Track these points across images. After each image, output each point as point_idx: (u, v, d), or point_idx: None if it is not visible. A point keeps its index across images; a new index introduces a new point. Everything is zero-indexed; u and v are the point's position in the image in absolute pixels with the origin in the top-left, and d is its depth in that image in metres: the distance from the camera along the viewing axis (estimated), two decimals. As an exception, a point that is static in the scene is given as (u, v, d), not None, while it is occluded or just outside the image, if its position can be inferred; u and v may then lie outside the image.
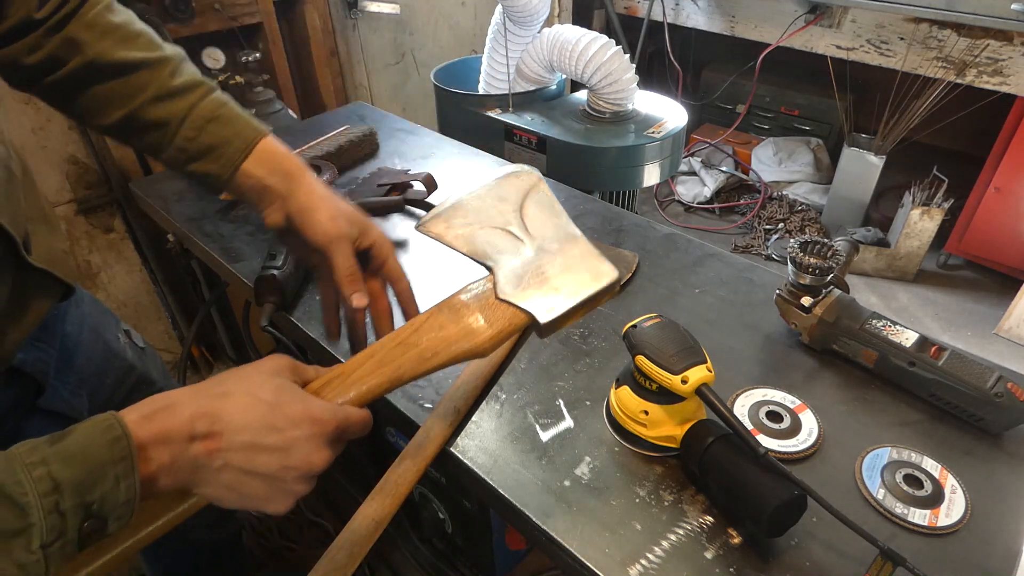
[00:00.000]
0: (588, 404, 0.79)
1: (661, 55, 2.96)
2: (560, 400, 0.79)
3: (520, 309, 0.56)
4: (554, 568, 1.12)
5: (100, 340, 0.84)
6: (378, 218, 1.17)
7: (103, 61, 0.62)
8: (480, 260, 0.60)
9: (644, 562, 0.61)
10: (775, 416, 0.75)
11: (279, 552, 1.54)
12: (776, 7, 2.55)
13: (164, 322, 1.95)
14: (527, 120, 1.93)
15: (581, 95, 2.06)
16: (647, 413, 0.69)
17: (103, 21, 0.63)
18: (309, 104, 2.12)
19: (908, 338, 0.77)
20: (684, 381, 0.63)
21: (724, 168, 3.10)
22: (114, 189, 1.66)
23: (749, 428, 0.71)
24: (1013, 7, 1.93)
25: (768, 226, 2.83)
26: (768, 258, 2.69)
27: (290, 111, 1.83)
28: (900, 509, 0.65)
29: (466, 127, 2.01)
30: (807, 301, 0.82)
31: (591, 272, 0.57)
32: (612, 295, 0.58)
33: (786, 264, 0.84)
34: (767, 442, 0.72)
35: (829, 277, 0.81)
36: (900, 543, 0.61)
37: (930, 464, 0.69)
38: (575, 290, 0.56)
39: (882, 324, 0.79)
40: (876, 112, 2.53)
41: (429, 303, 0.60)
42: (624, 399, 0.71)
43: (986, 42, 2.13)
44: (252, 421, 0.47)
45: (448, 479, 0.97)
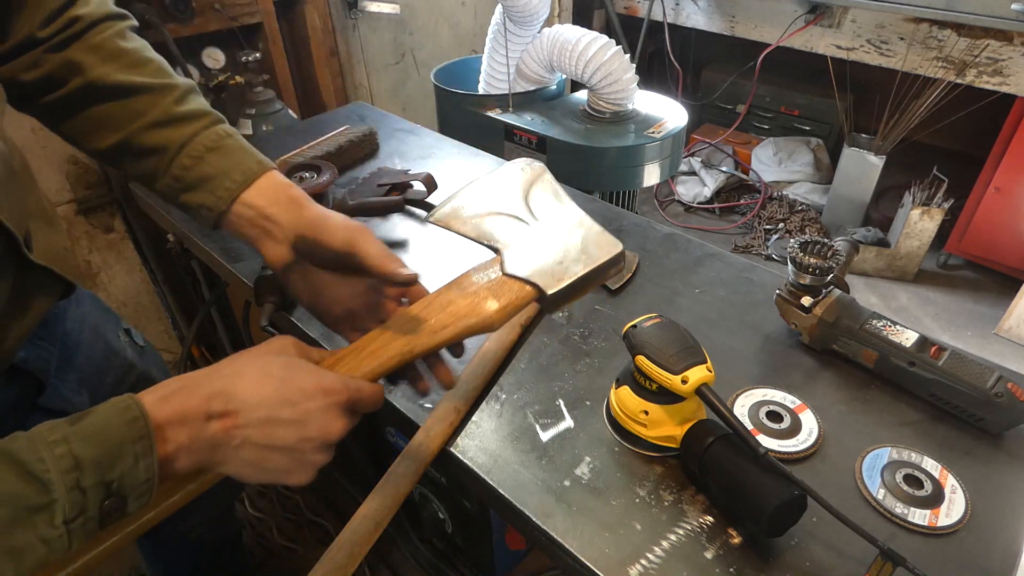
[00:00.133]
0: (588, 404, 0.79)
1: (661, 55, 2.96)
2: (560, 400, 0.79)
3: (527, 282, 0.57)
4: (554, 568, 1.12)
5: (100, 339, 0.84)
6: (378, 218, 1.17)
7: (104, 83, 0.60)
8: (488, 243, 0.61)
9: (644, 562, 0.61)
10: (775, 416, 0.75)
11: (279, 552, 1.54)
12: (776, 7, 2.55)
13: (164, 322, 1.95)
14: (527, 120, 1.93)
15: (581, 95, 2.06)
16: (647, 413, 0.69)
17: (111, 46, 0.61)
18: (309, 104, 2.12)
19: (908, 338, 0.77)
20: (684, 381, 0.63)
21: (724, 168, 3.10)
22: (114, 189, 1.66)
23: (749, 428, 0.71)
24: (1013, 7, 1.93)
25: (768, 226, 2.83)
26: (768, 258, 2.69)
27: (290, 111, 1.83)
28: (900, 509, 0.65)
29: (466, 127, 2.01)
30: (807, 301, 0.82)
31: (595, 245, 0.59)
32: (618, 270, 0.59)
33: (786, 264, 0.84)
34: (767, 442, 0.72)
35: (829, 277, 0.81)
36: (900, 543, 0.62)
37: (930, 464, 0.69)
38: (579, 263, 0.58)
39: (882, 324, 0.79)
40: (876, 112, 2.53)
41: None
42: (624, 399, 0.71)
43: (986, 42, 2.13)
44: (266, 397, 0.48)
45: (448, 479, 0.97)
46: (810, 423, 0.74)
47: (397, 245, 1.10)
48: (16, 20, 0.58)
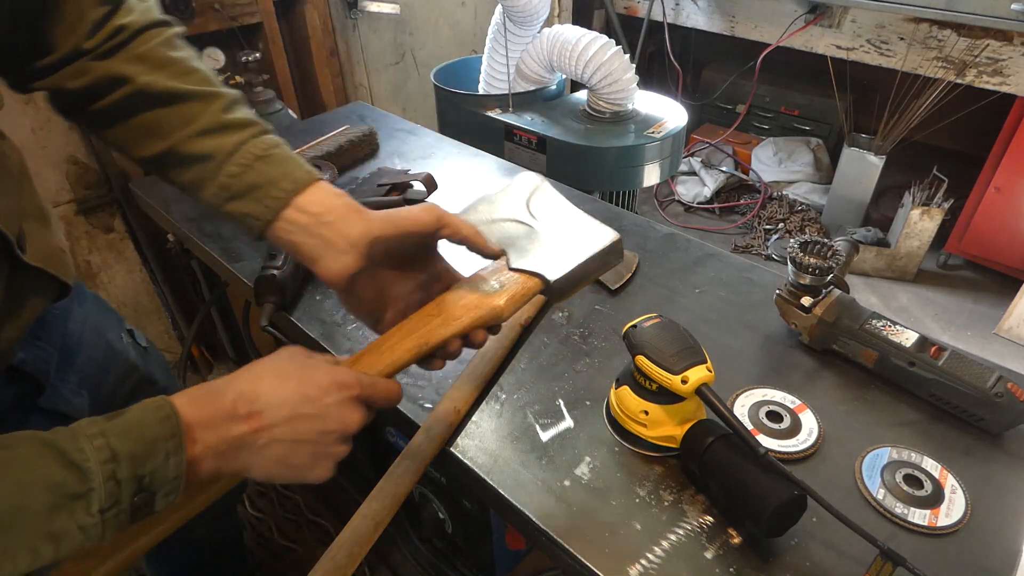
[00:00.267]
0: (588, 404, 0.79)
1: (661, 55, 2.95)
2: (560, 400, 0.79)
3: (531, 274, 0.62)
4: (554, 568, 1.12)
5: (102, 339, 0.83)
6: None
7: (152, 90, 0.60)
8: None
9: (644, 562, 0.61)
10: (775, 416, 0.75)
11: (279, 552, 1.54)
12: (776, 7, 2.55)
13: (164, 322, 1.95)
14: (527, 120, 1.93)
15: (581, 95, 2.06)
16: (647, 413, 0.69)
17: (158, 55, 0.61)
18: (309, 104, 2.12)
19: (908, 338, 0.77)
20: (684, 381, 0.63)
21: (724, 168, 3.10)
22: (114, 189, 1.66)
23: (749, 428, 0.71)
24: (1013, 7, 1.93)
25: (768, 226, 2.82)
26: (768, 258, 2.69)
27: (290, 111, 1.83)
28: (900, 509, 0.65)
29: (466, 127, 2.01)
30: (807, 301, 0.82)
31: (592, 235, 0.64)
32: (619, 260, 0.65)
33: (786, 264, 0.84)
34: (767, 442, 0.72)
35: (829, 277, 0.81)
36: (900, 543, 0.62)
37: (930, 464, 0.69)
38: (578, 251, 0.63)
39: (882, 324, 0.79)
40: (876, 112, 2.53)
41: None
42: (624, 399, 0.71)
43: (986, 42, 2.13)
44: (288, 395, 0.51)
45: (448, 479, 0.97)
46: (810, 423, 0.74)
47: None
48: (56, 33, 0.58)
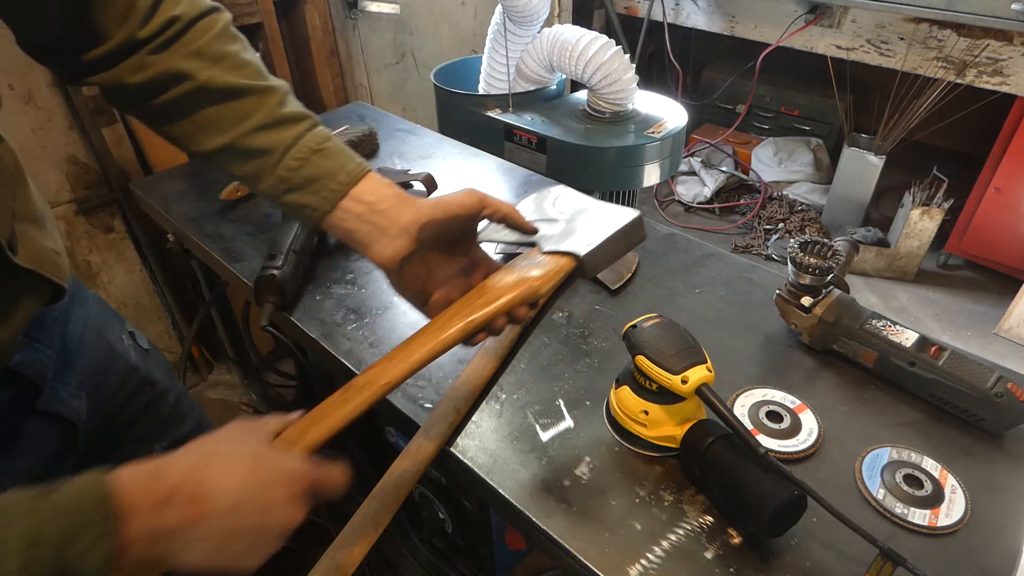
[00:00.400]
0: (588, 404, 0.79)
1: (661, 55, 2.96)
2: (560, 400, 0.79)
3: (563, 253, 0.67)
4: (554, 568, 1.12)
5: (103, 341, 0.83)
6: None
7: (213, 85, 0.62)
8: (526, 242, 0.72)
9: (644, 562, 0.61)
10: (775, 416, 0.75)
11: (279, 552, 1.54)
12: (776, 7, 2.55)
13: (164, 322, 1.95)
14: (527, 120, 1.93)
15: (581, 95, 2.06)
16: (647, 413, 0.69)
17: (215, 49, 0.62)
18: (309, 104, 2.09)
19: (908, 338, 0.77)
20: (684, 381, 0.63)
21: (724, 168, 3.10)
22: (114, 189, 1.66)
23: (749, 428, 0.71)
24: (1013, 7, 1.93)
25: (768, 226, 2.82)
26: (768, 258, 2.69)
27: (290, 111, 1.83)
28: (900, 509, 0.65)
29: (466, 127, 2.01)
30: (807, 301, 0.82)
31: (615, 216, 0.70)
32: (642, 237, 0.70)
33: (786, 264, 0.84)
34: (767, 442, 0.72)
35: (829, 277, 0.81)
36: (900, 543, 0.61)
37: (930, 464, 0.69)
38: (603, 229, 0.68)
39: (882, 324, 0.79)
40: (876, 112, 2.53)
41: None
42: (624, 399, 0.71)
43: (986, 42, 2.13)
44: (235, 484, 0.48)
45: (448, 479, 0.97)
46: (810, 423, 0.74)
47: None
48: (106, 22, 0.58)
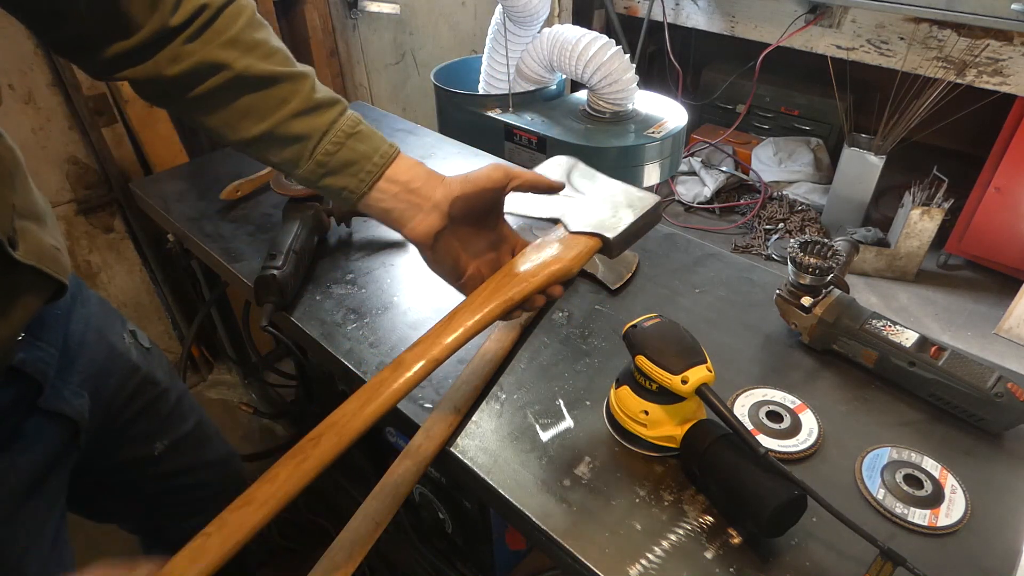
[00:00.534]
0: (588, 404, 0.79)
1: (661, 55, 2.96)
2: (560, 400, 0.79)
3: (591, 234, 0.70)
4: (554, 568, 1.12)
5: (104, 341, 0.83)
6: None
7: (250, 74, 0.62)
8: (549, 217, 0.75)
9: (644, 562, 0.61)
10: (775, 416, 0.75)
11: (279, 552, 1.54)
12: (776, 7, 2.55)
13: (164, 322, 1.95)
14: (527, 120, 1.93)
15: (581, 95, 2.06)
16: (647, 413, 0.69)
17: (248, 37, 0.63)
18: (309, 104, 2.11)
19: (908, 338, 0.77)
20: (684, 381, 0.63)
21: (724, 168, 3.10)
22: (114, 189, 1.66)
23: (749, 428, 0.71)
24: (1013, 7, 1.93)
25: (768, 226, 2.82)
26: (768, 258, 2.69)
27: (290, 111, 1.83)
28: (900, 509, 0.65)
29: (466, 127, 2.01)
30: (807, 301, 0.82)
31: (638, 199, 0.74)
32: (658, 220, 0.75)
33: (786, 264, 0.84)
34: (767, 442, 0.72)
35: (829, 277, 0.81)
36: (900, 543, 0.61)
37: (930, 464, 0.69)
38: (629, 213, 0.72)
39: (882, 324, 0.79)
40: (876, 112, 2.53)
41: (447, 303, 0.67)
42: (624, 399, 0.71)
43: (986, 42, 2.13)
44: None
45: (448, 479, 0.97)
46: (810, 423, 0.74)
47: (397, 245, 1.10)
48: (135, 10, 0.58)
